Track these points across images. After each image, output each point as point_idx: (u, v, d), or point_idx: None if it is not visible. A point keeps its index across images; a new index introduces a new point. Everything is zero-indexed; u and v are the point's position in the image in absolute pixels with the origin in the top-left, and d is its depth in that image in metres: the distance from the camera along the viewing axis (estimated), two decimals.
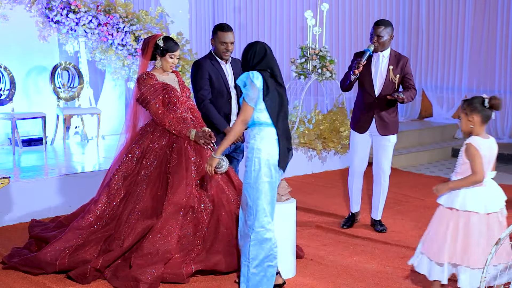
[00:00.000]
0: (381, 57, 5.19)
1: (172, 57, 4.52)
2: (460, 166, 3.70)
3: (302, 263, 4.55)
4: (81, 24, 7.95)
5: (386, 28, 5.11)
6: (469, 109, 3.64)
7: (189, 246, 4.27)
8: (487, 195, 3.66)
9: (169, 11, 8.80)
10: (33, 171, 6.22)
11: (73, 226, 4.44)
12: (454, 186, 3.67)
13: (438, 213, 3.78)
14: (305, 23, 8.21)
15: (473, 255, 3.59)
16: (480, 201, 3.63)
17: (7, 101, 7.51)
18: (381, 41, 5.11)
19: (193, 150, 4.48)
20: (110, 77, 8.55)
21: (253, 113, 3.83)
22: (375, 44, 5.12)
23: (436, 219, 3.76)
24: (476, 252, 3.59)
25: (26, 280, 4.20)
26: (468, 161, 3.64)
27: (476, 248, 3.59)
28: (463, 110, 3.68)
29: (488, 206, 3.63)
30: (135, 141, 4.56)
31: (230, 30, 5.07)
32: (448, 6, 10.07)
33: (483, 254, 3.55)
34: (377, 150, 5.35)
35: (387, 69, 5.17)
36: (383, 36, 5.10)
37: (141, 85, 4.45)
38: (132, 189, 4.43)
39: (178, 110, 4.50)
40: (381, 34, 5.10)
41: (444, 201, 3.72)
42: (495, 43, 9.67)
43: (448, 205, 3.68)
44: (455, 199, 3.65)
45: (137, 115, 4.66)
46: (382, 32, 5.10)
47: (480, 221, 3.61)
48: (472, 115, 3.63)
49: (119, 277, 4.10)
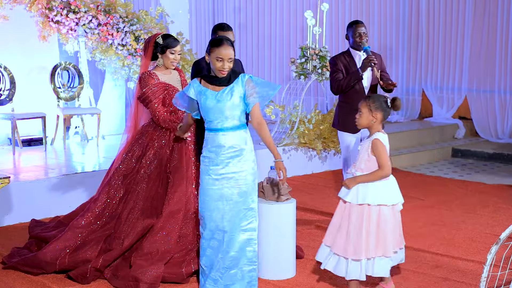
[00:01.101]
0: (362, 55, 5.20)
1: (173, 53, 4.52)
2: (365, 163, 3.80)
3: (302, 263, 4.55)
4: (81, 24, 7.95)
5: (365, 26, 5.24)
6: (374, 107, 3.79)
7: (189, 246, 4.27)
8: (391, 187, 3.83)
9: (169, 11, 8.81)
10: (33, 171, 6.22)
11: (73, 225, 4.44)
12: (362, 180, 3.77)
13: (344, 211, 3.85)
14: (305, 23, 8.21)
15: (389, 245, 3.75)
16: (388, 194, 3.79)
17: (7, 101, 7.52)
18: (367, 38, 5.19)
19: (194, 150, 4.49)
20: (110, 77, 8.56)
21: None
22: (367, 40, 5.17)
23: (345, 218, 3.82)
24: (391, 241, 3.77)
25: (26, 280, 4.20)
26: (373, 157, 3.77)
27: (391, 238, 3.77)
28: (367, 106, 3.80)
29: (393, 198, 3.81)
30: (135, 140, 4.57)
31: (230, 30, 5.07)
32: (448, 6, 10.07)
33: (394, 242, 3.79)
34: None
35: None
36: (366, 34, 5.19)
37: (142, 84, 4.46)
38: (132, 188, 4.44)
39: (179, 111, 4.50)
40: (365, 31, 5.18)
41: (352, 199, 3.79)
42: (495, 43, 9.67)
43: (359, 202, 3.76)
44: (366, 195, 3.75)
45: (138, 115, 4.66)
46: (365, 29, 5.19)
47: (389, 212, 3.78)
48: (376, 112, 3.78)
49: (119, 277, 4.11)
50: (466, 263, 4.58)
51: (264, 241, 4.23)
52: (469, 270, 4.44)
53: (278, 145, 7.72)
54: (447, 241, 5.12)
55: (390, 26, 10.60)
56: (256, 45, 11.89)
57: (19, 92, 7.65)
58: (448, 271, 4.41)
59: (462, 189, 6.99)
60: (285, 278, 4.24)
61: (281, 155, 3.96)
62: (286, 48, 11.52)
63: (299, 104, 7.93)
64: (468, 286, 4.14)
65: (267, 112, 8.21)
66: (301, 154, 7.86)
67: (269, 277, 4.23)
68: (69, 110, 7.92)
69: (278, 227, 4.22)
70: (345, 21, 10.81)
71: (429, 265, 4.51)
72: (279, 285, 4.16)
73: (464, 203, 5.60)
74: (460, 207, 5.28)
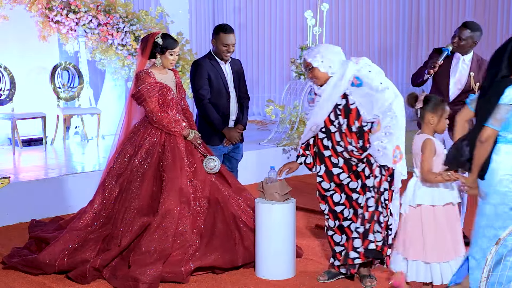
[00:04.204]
0: (461, 61, 4.86)
1: (172, 53, 4.53)
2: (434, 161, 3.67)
3: (302, 263, 4.54)
4: (81, 24, 7.95)
5: (471, 32, 4.76)
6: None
7: (186, 243, 4.27)
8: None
9: (169, 11, 8.81)
10: (33, 171, 6.22)
11: (71, 227, 4.45)
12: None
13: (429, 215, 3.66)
14: (305, 23, 8.22)
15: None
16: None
17: (7, 101, 7.51)
18: (461, 44, 4.79)
19: (185, 150, 4.52)
20: (110, 77, 8.56)
21: None
22: (454, 44, 4.81)
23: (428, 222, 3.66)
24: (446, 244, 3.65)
25: (26, 280, 4.20)
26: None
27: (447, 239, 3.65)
28: (442, 111, 3.71)
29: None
30: (128, 139, 4.58)
31: (232, 32, 5.08)
32: (448, 6, 10.07)
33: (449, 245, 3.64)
34: None
35: (467, 75, 4.83)
36: (465, 39, 4.77)
37: (139, 82, 4.46)
38: (126, 186, 4.44)
39: (171, 111, 4.52)
40: (463, 36, 4.77)
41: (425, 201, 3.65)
42: (495, 43, 9.66)
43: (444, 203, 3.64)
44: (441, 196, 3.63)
45: (132, 113, 4.68)
46: (465, 34, 4.76)
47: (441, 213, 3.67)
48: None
49: (118, 277, 4.10)
50: None
51: (264, 241, 4.23)
52: None
53: (278, 145, 7.73)
54: None
55: (390, 26, 10.59)
56: (256, 45, 11.88)
57: (19, 92, 7.65)
58: None
59: None
60: (285, 278, 4.24)
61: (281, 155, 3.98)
62: (286, 48, 11.51)
63: (299, 104, 7.93)
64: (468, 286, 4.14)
65: (267, 112, 8.22)
66: None
67: (269, 277, 4.23)
68: (69, 110, 7.92)
69: (278, 227, 4.22)
70: (345, 21, 10.81)
71: None
72: (279, 285, 4.16)
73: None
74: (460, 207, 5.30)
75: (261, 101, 11.38)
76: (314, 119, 4.04)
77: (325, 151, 4.06)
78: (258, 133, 8.94)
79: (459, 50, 4.85)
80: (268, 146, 7.74)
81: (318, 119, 4.02)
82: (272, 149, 7.65)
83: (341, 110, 3.97)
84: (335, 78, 3.96)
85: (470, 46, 4.84)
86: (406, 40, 10.57)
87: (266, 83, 11.84)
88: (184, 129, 4.52)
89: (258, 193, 4.33)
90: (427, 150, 3.61)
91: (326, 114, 4.00)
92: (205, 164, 4.57)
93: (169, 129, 4.46)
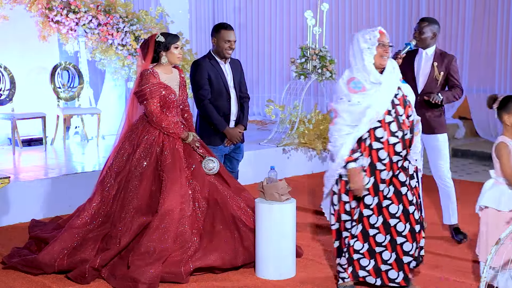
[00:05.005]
0: (425, 54, 5.05)
1: (177, 47, 4.54)
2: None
3: (302, 263, 4.54)
4: (81, 24, 7.95)
5: (429, 25, 4.99)
6: None
7: (186, 244, 4.26)
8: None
9: (169, 11, 8.82)
10: (33, 171, 6.22)
11: (69, 225, 4.45)
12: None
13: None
14: (305, 23, 8.21)
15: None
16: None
17: (7, 101, 7.52)
18: (422, 37, 4.98)
19: (184, 151, 4.53)
20: (110, 77, 8.56)
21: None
22: (416, 38, 5.01)
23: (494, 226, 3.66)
24: None
25: (26, 280, 4.20)
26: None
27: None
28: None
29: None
30: (126, 137, 4.59)
31: (232, 29, 5.14)
32: (448, 5, 10.07)
33: None
34: (430, 153, 5.22)
35: (430, 66, 5.04)
36: (425, 32, 4.98)
37: (143, 80, 4.46)
38: (124, 185, 4.44)
39: (170, 113, 4.52)
40: (423, 30, 4.99)
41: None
42: (495, 43, 9.67)
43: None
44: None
45: (133, 111, 4.68)
46: (424, 28, 4.99)
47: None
48: None
49: (117, 277, 4.10)
50: (466, 263, 4.58)
51: (264, 241, 4.23)
52: (469, 270, 4.44)
53: (278, 145, 7.73)
54: (447, 241, 5.11)
55: (390, 26, 10.59)
56: (256, 45, 11.89)
57: (19, 92, 7.65)
58: (448, 271, 4.41)
59: (462, 189, 6.98)
60: (285, 278, 4.24)
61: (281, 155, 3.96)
62: (286, 48, 11.51)
63: (299, 104, 7.93)
64: (468, 286, 4.14)
65: (267, 112, 8.22)
66: (301, 154, 7.86)
67: (269, 277, 4.23)
68: (69, 110, 7.92)
69: (278, 227, 4.22)
70: (345, 21, 10.82)
71: (429, 265, 4.50)
72: (279, 285, 4.16)
73: (464, 203, 5.59)
74: (459, 207, 5.27)
75: (261, 101, 11.39)
76: (376, 108, 3.78)
77: (375, 143, 3.82)
78: (258, 133, 8.94)
79: (421, 44, 5.03)
80: (268, 146, 7.74)
81: (380, 108, 3.80)
82: (272, 149, 7.65)
83: (399, 100, 3.87)
84: (390, 66, 3.90)
85: (431, 38, 5.04)
86: (406, 40, 10.56)
87: (266, 83, 11.85)
88: (183, 132, 4.53)
89: (258, 193, 4.34)
90: (503, 156, 3.62)
91: (388, 101, 3.82)
92: (204, 165, 4.57)
93: (167, 131, 4.46)
